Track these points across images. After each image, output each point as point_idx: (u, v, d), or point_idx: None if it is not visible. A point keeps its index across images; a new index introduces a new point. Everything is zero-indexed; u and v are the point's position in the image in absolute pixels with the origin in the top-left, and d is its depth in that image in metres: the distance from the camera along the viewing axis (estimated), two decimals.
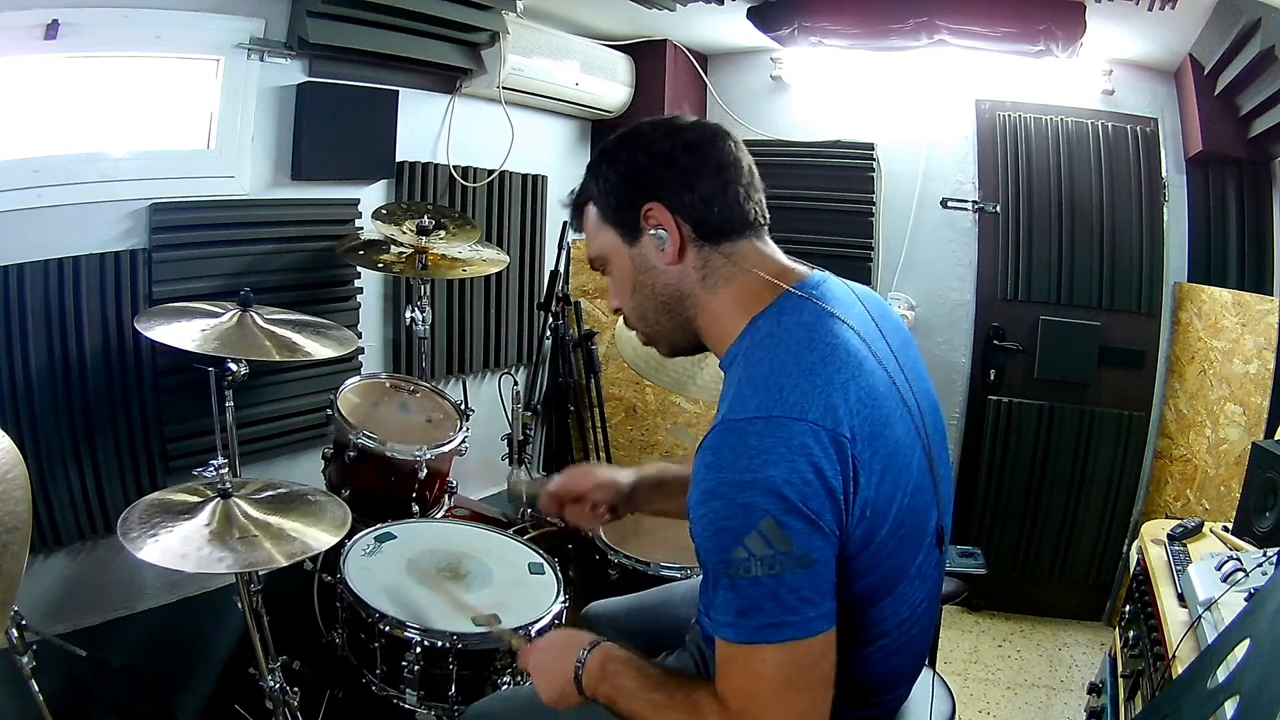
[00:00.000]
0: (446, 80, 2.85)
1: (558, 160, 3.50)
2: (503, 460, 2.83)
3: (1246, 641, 1.09)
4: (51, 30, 1.86)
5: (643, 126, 1.10)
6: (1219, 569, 1.57)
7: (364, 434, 2.10)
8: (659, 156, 1.06)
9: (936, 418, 1.13)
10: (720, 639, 0.93)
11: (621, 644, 1.12)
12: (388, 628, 1.64)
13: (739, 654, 0.92)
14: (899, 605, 1.04)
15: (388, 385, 2.45)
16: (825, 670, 0.92)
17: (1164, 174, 3.03)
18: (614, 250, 1.10)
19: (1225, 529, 1.96)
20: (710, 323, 1.08)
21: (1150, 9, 2.32)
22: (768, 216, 1.11)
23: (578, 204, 1.15)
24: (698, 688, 0.98)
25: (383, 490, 2.14)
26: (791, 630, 0.89)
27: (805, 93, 3.48)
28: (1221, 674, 1.12)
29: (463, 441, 2.29)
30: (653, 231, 1.06)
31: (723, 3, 2.79)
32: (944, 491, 1.10)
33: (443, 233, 2.48)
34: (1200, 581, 1.56)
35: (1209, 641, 1.35)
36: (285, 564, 1.48)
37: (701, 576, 1.00)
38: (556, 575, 1.88)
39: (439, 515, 2.29)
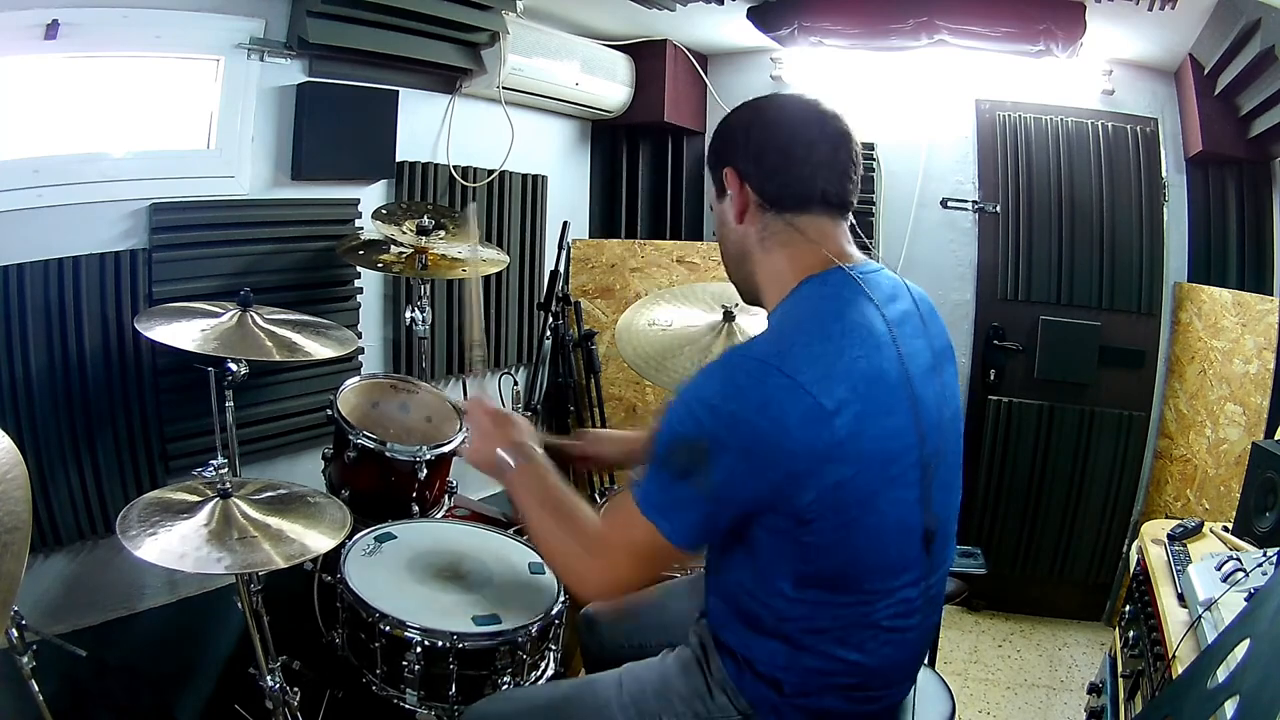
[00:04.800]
0: (446, 80, 2.85)
1: (558, 160, 3.50)
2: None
3: (1246, 641, 1.09)
4: (51, 30, 1.86)
5: (749, 101, 1.23)
6: (1219, 569, 1.57)
7: (364, 434, 2.10)
8: (741, 129, 1.18)
9: (954, 430, 1.17)
10: (629, 493, 1.09)
11: (622, 644, 1.24)
12: (388, 628, 1.64)
13: (629, 510, 1.07)
14: (883, 595, 1.08)
15: (388, 385, 2.44)
16: (660, 566, 1.13)
17: (1164, 174, 3.03)
18: (713, 202, 1.25)
19: (1225, 529, 1.96)
20: (765, 280, 1.18)
21: (1150, 9, 2.32)
22: (847, 198, 1.18)
23: (707, 163, 1.29)
24: (586, 516, 1.17)
25: (383, 490, 2.14)
26: (661, 519, 1.04)
27: (805, 93, 3.47)
28: (1221, 674, 1.12)
29: (463, 441, 2.28)
30: (729, 192, 1.18)
31: (723, 3, 2.79)
32: (939, 498, 1.11)
33: (443, 233, 2.48)
34: (1200, 581, 1.56)
35: (1209, 641, 1.35)
36: (284, 566, 1.48)
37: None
38: (557, 575, 1.88)
39: (439, 515, 2.28)
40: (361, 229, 2.63)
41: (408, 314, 2.54)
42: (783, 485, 0.98)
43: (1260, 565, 1.55)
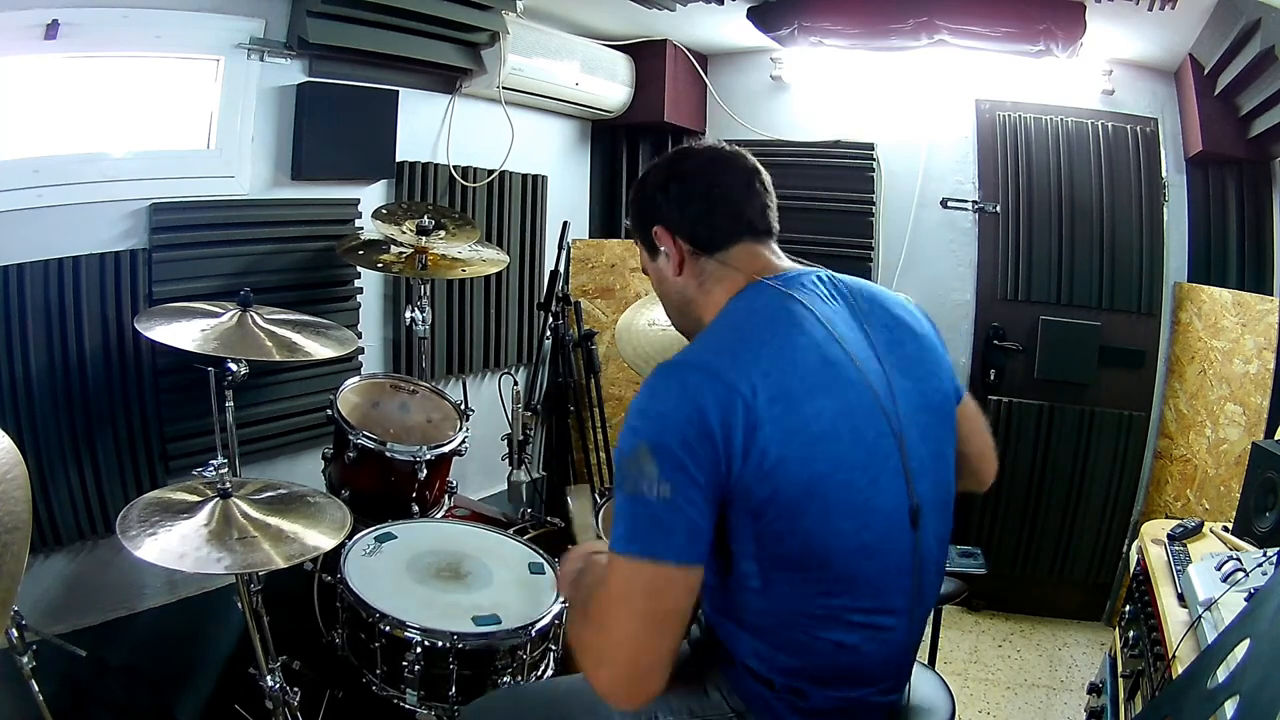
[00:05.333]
0: (446, 80, 2.85)
1: (558, 160, 3.50)
2: (503, 460, 2.82)
3: (1246, 641, 1.09)
4: (51, 30, 1.86)
5: (661, 158, 1.28)
6: (1219, 569, 1.57)
7: (364, 434, 2.10)
8: (658, 186, 1.23)
9: (926, 411, 1.16)
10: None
11: None
12: (388, 628, 1.64)
13: (613, 560, 1.01)
14: (847, 584, 1.07)
15: (388, 385, 2.44)
16: (672, 606, 1.00)
17: (1164, 174, 3.03)
18: (645, 262, 1.30)
19: (1225, 529, 1.96)
20: (710, 315, 1.20)
21: (1150, 9, 2.32)
22: (770, 225, 1.23)
23: (631, 226, 1.34)
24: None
25: (383, 490, 2.14)
26: (638, 546, 0.98)
27: (805, 93, 3.48)
28: (1221, 674, 1.12)
29: (463, 441, 2.29)
30: (662, 249, 1.22)
31: (723, 3, 2.79)
32: (920, 475, 1.11)
33: (443, 233, 2.48)
34: (1200, 581, 1.56)
35: (1209, 641, 1.35)
36: (284, 566, 1.48)
37: None
38: (556, 575, 1.88)
39: (439, 515, 2.29)
40: (361, 229, 2.63)
41: (408, 314, 2.55)
42: (724, 470, 1.00)
43: (1260, 565, 1.55)
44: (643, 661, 0.99)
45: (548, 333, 3.22)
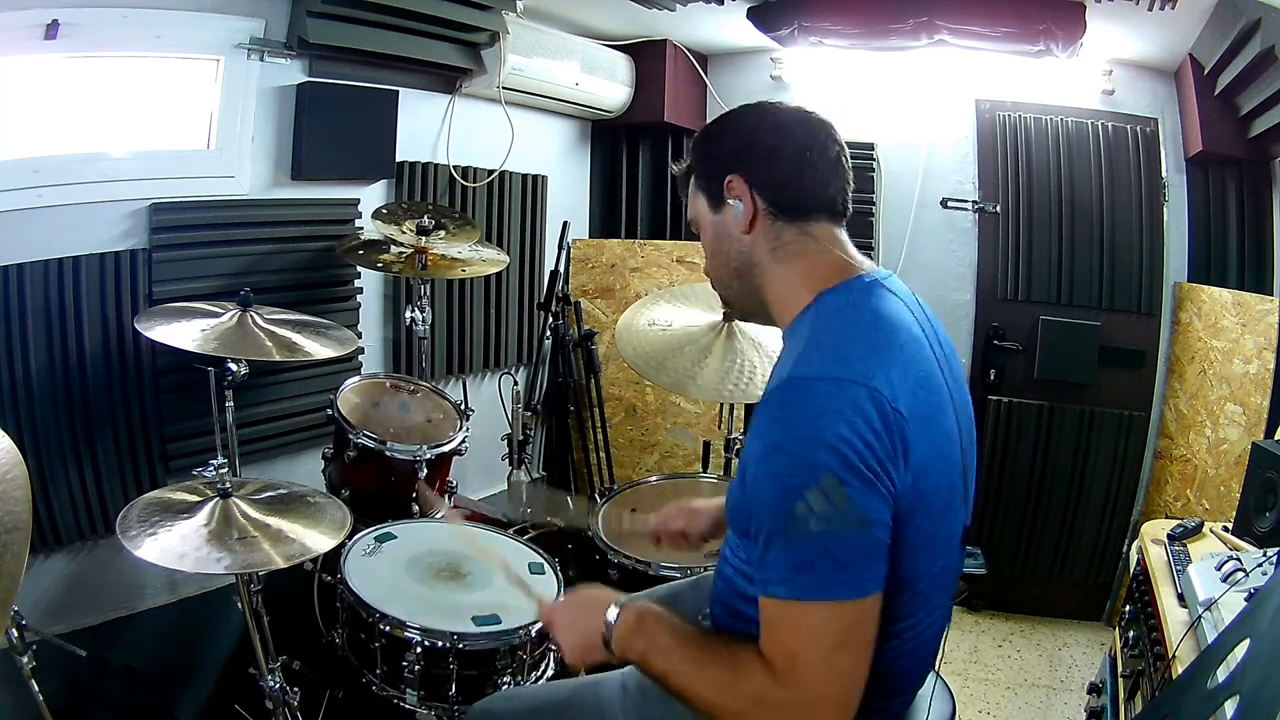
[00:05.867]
0: (446, 80, 2.85)
1: (558, 160, 3.50)
2: (503, 460, 2.83)
3: (1246, 641, 1.09)
4: (51, 30, 1.86)
5: (744, 107, 1.18)
6: (1219, 569, 1.57)
7: (364, 434, 2.10)
8: (746, 133, 1.13)
9: (971, 426, 1.15)
10: (769, 598, 0.93)
11: None
12: (388, 628, 1.64)
13: (788, 611, 0.92)
14: (915, 606, 1.04)
15: (388, 385, 2.44)
16: (870, 633, 0.93)
17: (1164, 174, 3.03)
18: (703, 215, 1.18)
19: (1225, 529, 1.96)
20: (777, 292, 1.13)
21: (1150, 9, 2.32)
22: (850, 208, 1.15)
23: (685, 171, 1.22)
24: (741, 644, 0.97)
25: (383, 490, 2.14)
26: (841, 589, 0.90)
27: (805, 93, 3.48)
28: (1221, 674, 1.12)
29: (463, 441, 2.29)
30: (732, 201, 1.12)
31: (723, 3, 2.79)
32: (971, 493, 1.12)
33: (443, 233, 2.48)
34: (1200, 581, 1.56)
35: (1209, 641, 1.35)
36: (284, 566, 1.48)
37: (739, 540, 1.03)
38: (556, 575, 1.88)
39: (439, 515, 2.28)
40: (361, 229, 2.63)
41: (408, 314, 2.55)
42: (892, 488, 0.93)
43: (1260, 565, 1.55)
44: (852, 694, 0.92)
45: (548, 333, 3.22)
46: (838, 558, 0.89)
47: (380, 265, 2.45)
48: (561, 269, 3.27)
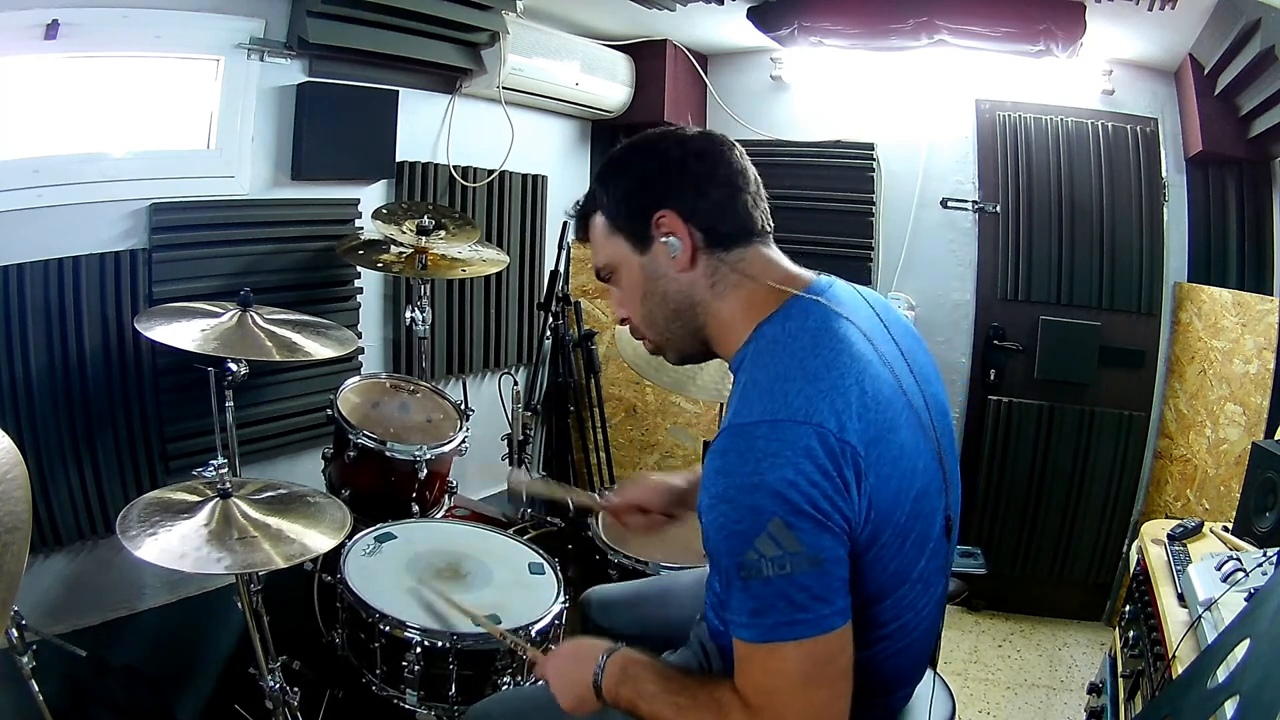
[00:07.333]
0: (446, 80, 2.85)
1: (558, 160, 3.50)
2: (503, 460, 2.83)
3: (1246, 641, 1.09)
4: (51, 30, 1.86)
5: (650, 135, 1.11)
6: (1219, 569, 1.57)
7: (364, 434, 2.10)
8: (670, 164, 1.06)
9: (946, 418, 1.14)
10: (737, 639, 0.94)
11: (622, 636, 1.12)
12: (388, 628, 1.64)
13: (756, 653, 0.92)
14: (900, 608, 1.04)
15: (388, 385, 2.45)
16: (843, 664, 0.93)
17: (1164, 174, 3.03)
18: (623, 259, 1.10)
19: (1225, 529, 1.96)
20: (720, 329, 1.09)
21: (1150, 9, 2.32)
22: (772, 224, 1.12)
23: (583, 213, 1.15)
24: (720, 686, 0.97)
25: (383, 490, 2.14)
26: (804, 628, 0.90)
27: (805, 93, 3.48)
28: (1221, 674, 1.12)
29: (463, 441, 2.29)
30: (664, 239, 1.06)
31: (723, 3, 2.79)
32: (953, 486, 1.10)
33: (443, 233, 2.48)
34: (1200, 581, 1.56)
35: (1209, 641, 1.35)
36: (284, 566, 1.48)
37: (712, 574, 1.01)
38: (556, 575, 1.88)
39: (439, 515, 2.29)
40: (361, 229, 2.63)
41: (408, 314, 2.55)
42: (849, 520, 0.93)
43: (1260, 565, 1.55)
44: None
45: (548, 333, 3.22)
46: (795, 600, 0.89)
47: (380, 265, 2.45)
48: (561, 269, 3.27)
